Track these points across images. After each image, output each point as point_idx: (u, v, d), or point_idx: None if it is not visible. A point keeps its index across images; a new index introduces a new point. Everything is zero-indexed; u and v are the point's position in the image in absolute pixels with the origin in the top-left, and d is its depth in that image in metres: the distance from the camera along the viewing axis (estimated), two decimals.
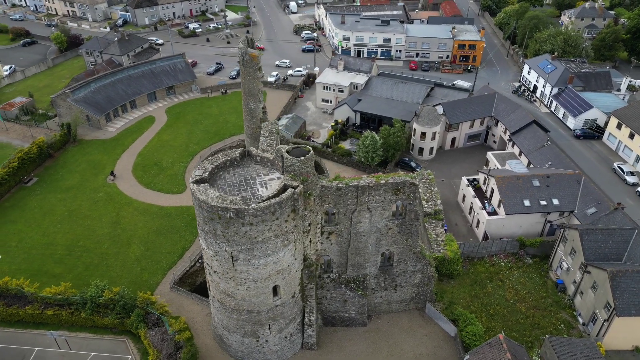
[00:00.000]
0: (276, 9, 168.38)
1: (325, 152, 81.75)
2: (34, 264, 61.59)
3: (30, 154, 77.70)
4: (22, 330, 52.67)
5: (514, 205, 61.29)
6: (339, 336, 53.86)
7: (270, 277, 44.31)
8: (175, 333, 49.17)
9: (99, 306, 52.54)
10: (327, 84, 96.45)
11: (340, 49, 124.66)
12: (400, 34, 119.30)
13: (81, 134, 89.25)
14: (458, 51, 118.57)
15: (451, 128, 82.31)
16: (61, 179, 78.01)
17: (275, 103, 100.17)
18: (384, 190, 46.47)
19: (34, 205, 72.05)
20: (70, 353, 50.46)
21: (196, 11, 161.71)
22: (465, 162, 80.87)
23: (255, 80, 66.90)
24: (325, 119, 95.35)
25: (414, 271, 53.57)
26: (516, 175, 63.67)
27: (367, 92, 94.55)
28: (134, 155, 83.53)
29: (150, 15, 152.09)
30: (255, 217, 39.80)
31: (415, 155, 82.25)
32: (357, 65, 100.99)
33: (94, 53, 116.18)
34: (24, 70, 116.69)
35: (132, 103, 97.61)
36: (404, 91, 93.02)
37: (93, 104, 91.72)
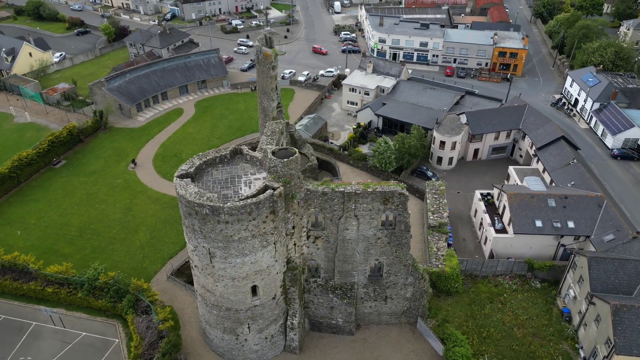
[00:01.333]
0: (320, 9, 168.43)
1: (341, 154, 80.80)
2: (47, 242, 64.92)
3: (61, 137, 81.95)
4: (25, 304, 55.62)
5: (524, 225, 57.88)
6: (324, 342, 53.05)
7: (248, 277, 44.22)
8: (159, 322, 50.16)
9: (95, 288, 54.58)
10: (354, 86, 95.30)
11: (376, 51, 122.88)
12: (438, 39, 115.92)
13: (112, 122, 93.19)
14: (498, 59, 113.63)
15: (474, 138, 78.94)
16: (87, 163, 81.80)
17: (301, 102, 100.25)
18: (371, 198, 45.14)
19: (58, 186, 75.96)
20: (64, 330, 52.74)
21: (242, 8, 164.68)
22: (487, 176, 77.32)
23: (269, 78, 67.26)
24: (349, 121, 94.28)
25: (405, 284, 51.78)
26: (531, 193, 60.09)
27: (393, 96, 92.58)
28: (157, 145, 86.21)
29: (197, 10, 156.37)
30: (231, 215, 39.79)
31: (434, 164, 79.58)
32: (387, 68, 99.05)
33: (136, 45, 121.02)
34: (72, 58, 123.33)
35: (164, 95, 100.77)
36: (432, 97, 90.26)
37: (126, 94, 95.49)
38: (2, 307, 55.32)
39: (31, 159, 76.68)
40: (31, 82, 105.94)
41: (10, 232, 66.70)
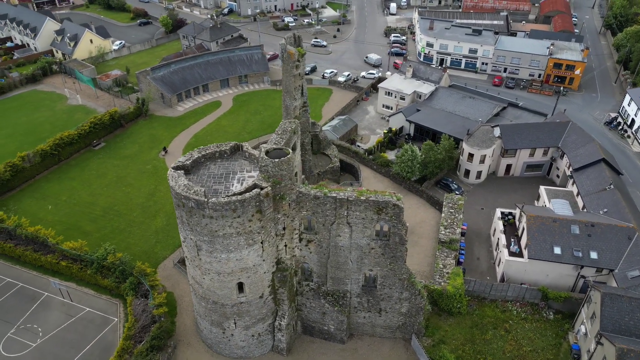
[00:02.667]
0: (376, 10, 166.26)
1: (365, 159, 79.30)
2: (72, 218, 68.86)
3: (103, 121, 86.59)
4: (41, 275, 59.32)
5: (540, 250, 53.94)
6: (314, 347, 52.37)
7: (233, 273, 44.45)
8: (154, 307, 51.67)
9: (103, 267, 57.17)
10: (390, 90, 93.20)
11: (422, 56, 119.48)
12: (488, 46, 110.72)
13: (153, 110, 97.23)
14: (553, 70, 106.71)
15: (507, 153, 74.64)
16: (123, 147, 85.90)
17: (337, 103, 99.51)
18: (364, 207, 43.81)
19: (93, 167, 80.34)
20: (70, 304, 55.70)
21: (297, 5, 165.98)
22: (517, 194, 72.88)
23: (292, 77, 67.16)
24: (381, 125, 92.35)
25: (401, 299, 49.91)
26: (553, 217, 55.87)
27: (429, 102, 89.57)
28: (190, 135, 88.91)
29: (254, 6, 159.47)
30: (215, 211, 40.11)
31: (461, 177, 76.11)
32: (427, 74, 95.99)
33: (188, 37, 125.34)
34: (130, 47, 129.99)
35: (205, 87, 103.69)
36: (470, 107, 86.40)
37: (169, 84, 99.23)
38: (22, 275, 59.31)
39: (72, 139, 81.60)
40: (88, 67, 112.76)
41: (42, 206, 71.40)
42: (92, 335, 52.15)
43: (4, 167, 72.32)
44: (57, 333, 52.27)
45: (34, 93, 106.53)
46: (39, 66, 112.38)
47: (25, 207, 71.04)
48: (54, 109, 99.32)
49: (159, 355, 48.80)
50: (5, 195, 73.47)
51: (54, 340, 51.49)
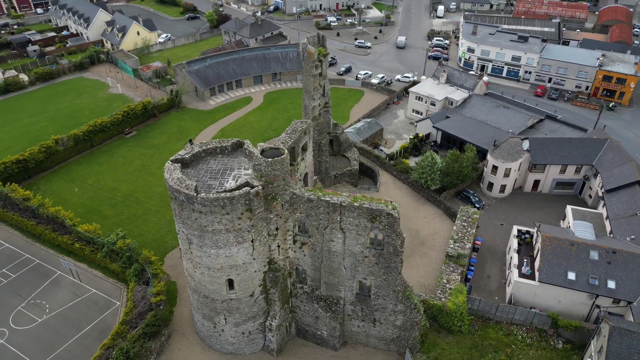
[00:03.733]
0: (423, 12, 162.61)
1: (386, 164, 77.49)
2: (95, 202, 71.70)
3: (135, 110, 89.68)
4: (57, 254, 62.13)
5: (552, 274, 50.51)
6: (306, 351, 51.73)
7: (223, 269, 44.54)
8: (152, 295, 52.78)
9: (112, 252, 59.06)
10: (420, 95, 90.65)
11: (463, 61, 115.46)
12: (533, 54, 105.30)
13: (186, 102, 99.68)
14: (602, 83, 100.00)
15: (535, 168, 70.59)
16: (152, 137, 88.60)
17: (366, 105, 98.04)
18: (358, 213, 42.61)
19: (121, 154, 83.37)
20: (78, 284, 57.98)
21: (342, 5, 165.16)
22: (542, 212, 68.81)
23: (311, 77, 66.66)
24: (409, 130, 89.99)
25: (395, 311, 48.27)
26: (572, 240, 52.14)
27: (461, 110, 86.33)
28: (216, 129, 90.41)
29: (299, 4, 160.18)
30: (204, 206, 40.28)
31: (484, 190, 72.78)
32: (461, 80, 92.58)
33: (229, 33, 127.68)
34: (175, 40, 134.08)
35: (239, 82, 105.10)
36: (503, 117, 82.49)
37: (203, 77, 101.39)
38: (40, 253, 62.39)
39: (105, 126, 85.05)
40: (132, 57, 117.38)
41: (69, 188, 74.84)
42: (94, 317, 54.01)
43: (39, 149, 76.36)
44: (63, 311, 54.54)
45: (80, 80, 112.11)
46: (88, 55, 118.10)
47: (54, 188, 74.76)
48: (95, 96, 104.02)
49: (151, 343, 49.83)
50: (38, 175, 77.65)
51: (58, 318, 53.76)
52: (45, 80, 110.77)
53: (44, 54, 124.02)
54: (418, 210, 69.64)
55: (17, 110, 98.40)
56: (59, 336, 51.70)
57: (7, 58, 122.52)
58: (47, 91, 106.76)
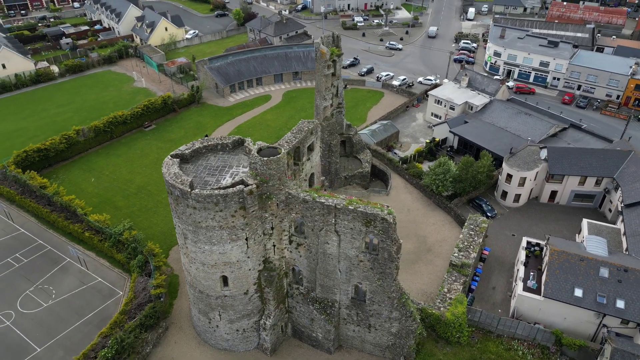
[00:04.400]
0: (453, 14, 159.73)
1: (399, 167, 76.27)
2: (109, 192, 73.40)
3: (155, 104, 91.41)
4: (68, 241, 63.86)
5: (557, 290, 48.47)
6: (300, 352, 51.42)
7: (217, 266, 44.69)
8: (153, 287, 53.56)
9: (119, 242, 60.28)
10: (440, 98, 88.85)
11: (489, 65, 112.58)
12: (562, 60, 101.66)
13: (206, 98, 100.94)
14: (634, 92, 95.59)
15: (552, 178, 68.03)
16: (170, 131, 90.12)
17: (385, 107, 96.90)
18: (352, 216, 41.94)
19: (139, 146, 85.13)
20: (85, 272, 59.42)
21: (371, 5, 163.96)
22: (558, 224, 66.25)
23: (323, 77, 66.24)
24: (426, 134, 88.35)
25: (390, 318, 47.34)
26: (582, 255, 49.91)
27: (481, 115, 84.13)
28: (233, 126, 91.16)
29: (327, 4, 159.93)
30: (198, 202, 40.50)
31: (497, 198, 70.64)
32: (483, 84, 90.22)
33: (254, 30, 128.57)
34: (201, 37, 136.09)
35: (259, 80, 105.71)
36: (524, 124, 79.91)
37: (224, 74, 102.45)
38: (52, 239, 64.31)
39: (125, 118, 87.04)
40: (159, 53, 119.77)
41: (87, 178, 76.90)
42: (97, 305, 55.21)
43: (60, 139, 78.79)
44: (68, 297, 56.01)
45: (107, 73, 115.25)
46: (116, 49, 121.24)
47: (72, 177, 76.98)
48: (120, 89, 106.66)
49: (148, 334, 50.55)
50: (58, 164, 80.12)
51: (63, 304, 55.23)
52: (74, 72, 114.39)
53: (76, 47, 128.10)
54: (427, 216, 68.23)
55: (46, 101, 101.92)
56: (62, 322, 53.11)
57: (41, 50, 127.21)
58: (76, 83, 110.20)
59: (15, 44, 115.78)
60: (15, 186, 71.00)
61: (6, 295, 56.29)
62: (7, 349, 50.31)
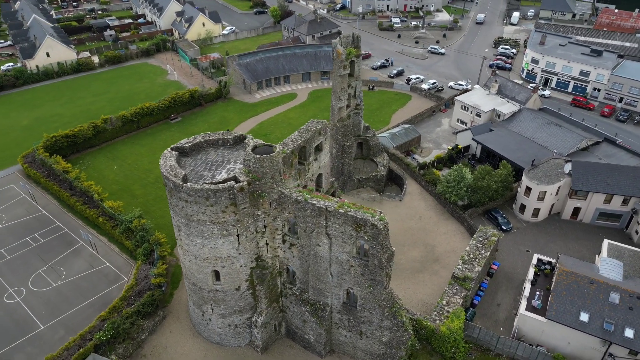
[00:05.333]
0: (496, 18, 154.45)
1: (415, 173, 74.42)
2: (129, 180, 75.70)
3: (182, 98, 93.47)
4: (84, 225, 66.31)
5: (562, 313, 45.75)
6: (291, 353, 51.14)
7: (208, 260, 45.04)
8: (154, 275, 54.71)
9: (129, 229, 61.99)
10: (466, 104, 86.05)
11: (525, 72, 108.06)
12: (604, 70, 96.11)
13: (233, 93, 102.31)
14: None
15: (575, 194, 64.40)
16: (194, 124, 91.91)
17: (411, 110, 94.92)
18: (343, 220, 41.18)
19: (162, 138, 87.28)
20: (95, 256, 61.50)
21: (410, 7, 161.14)
22: (577, 243, 62.66)
23: (339, 77, 65.57)
24: (450, 140, 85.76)
25: (381, 326, 46.21)
26: (592, 278, 46.93)
27: (508, 124, 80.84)
28: (255, 123, 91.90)
29: (365, 4, 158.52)
30: (189, 195, 40.92)
31: (515, 212, 67.58)
32: (514, 92, 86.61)
33: (288, 29, 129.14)
34: (238, 33, 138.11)
35: (287, 78, 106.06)
36: (553, 136, 76.09)
37: (252, 71, 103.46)
38: (70, 222, 66.97)
39: (152, 110, 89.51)
40: (194, 47, 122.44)
41: (110, 165, 79.62)
42: (101, 289, 57.00)
43: (88, 126, 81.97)
44: (76, 279, 58.14)
45: (144, 65, 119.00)
46: (154, 42, 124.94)
47: (96, 164, 79.94)
48: (154, 81, 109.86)
49: (145, 322, 51.67)
50: (86, 150, 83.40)
51: (70, 285, 57.39)
52: (113, 63, 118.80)
53: (118, 39, 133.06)
54: (439, 225, 66.24)
55: (83, 89, 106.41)
56: (67, 302, 55.17)
57: (85, 40, 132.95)
58: (113, 74, 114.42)
59: (61, 33, 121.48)
60: (42, 169, 74.44)
61: (20, 272, 59.08)
62: (15, 324, 52.77)
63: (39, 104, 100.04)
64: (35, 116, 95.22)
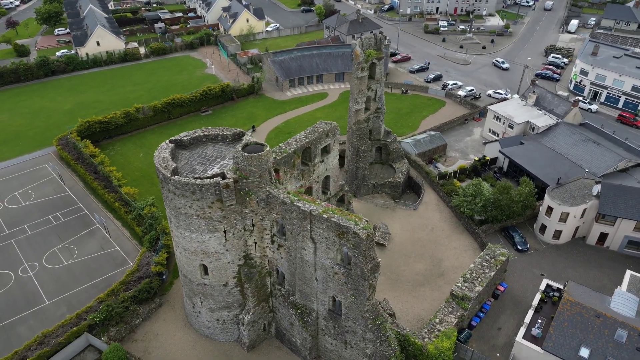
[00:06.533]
0: (553, 25, 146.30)
1: (434, 182, 71.71)
2: (151, 168, 77.99)
3: (213, 92, 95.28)
4: (102, 208, 69.05)
5: (561, 345, 42.33)
6: (277, 355, 50.76)
7: (196, 253, 45.41)
8: (154, 264, 56.02)
9: (140, 216, 63.87)
10: (499, 114, 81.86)
11: (573, 84, 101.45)
12: None
13: (265, 90, 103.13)
14: None
15: (602, 219, 59.56)
16: (223, 118, 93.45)
17: (442, 117, 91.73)
18: (327, 226, 40.15)
19: (191, 129, 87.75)
20: (108, 239, 63.83)
21: (461, 10, 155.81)
22: (600, 271, 57.92)
23: (355, 79, 64.38)
24: (479, 151, 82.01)
25: (364, 338, 44.77)
26: (597, 311, 43.11)
27: (541, 138, 76.14)
28: (281, 120, 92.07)
29: (414, 5, 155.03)
30: (177, 188, 41.36)
31: (535, 232, 63.48)
32: (552, 104, 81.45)
33: (330, 28, 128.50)
34: (281, 30, 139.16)
35: (319, 77, 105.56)
36: (589, 153, 70.87)
37: (285, 68, 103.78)
38: (91, 205, 69.97)
39: (183, 101, 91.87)
40: (235, 43, 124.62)
41: (136, 152, 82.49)
42: (108, 271, 59.07)
43: (121, 114, 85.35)
44: (86, 260, 60.61)
45: (186, 58, 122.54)
46: (199, 36, 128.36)
47: (125, 150, 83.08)
48: (192, 74, 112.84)
49: (140, 308, 52.96)
50: (118, 137, 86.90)
51: (79, 265, 59.90)
52: (158, 54, 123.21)
53: (166, 32, 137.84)
54: (451, 239, 63.43)
55: (126, 78, 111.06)
56: (74, 281, 57.62)
57: (137, 32, 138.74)
58: (156, 65, 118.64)
59: (113, 24, 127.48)
60: (73, 152, 78.30)
61: (37, 248, 62.38)
62: (23, 297, 55.76)
63: (83, 90, 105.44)
64: (78, 101, 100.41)
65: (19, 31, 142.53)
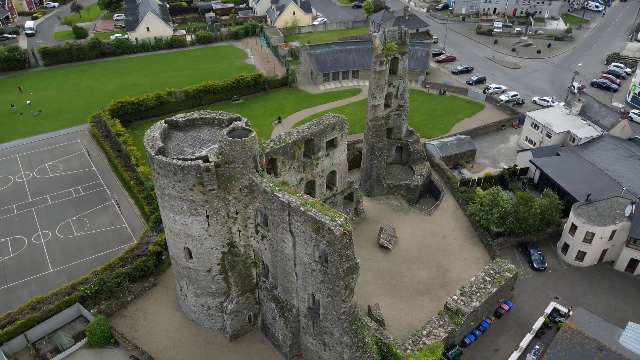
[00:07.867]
0: (621, 32, 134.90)
1: (455, 188, 67.61)
2: None
3: (246, 81, 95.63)
4: (120, 185, 70.95)
5: None
6: (260, 348, 49.66)
7: (180, 236, 45.08)
8: (153, 243, 56.59)
9: (150, 196, 64.89)
10: (537, 122, 75.94)
11: (631, 95, 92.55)
12: None
13: (299, 82, 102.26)
14: None
15: (633, 243, 53.34)
16: (253, 108, 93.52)
17: (478, 121, 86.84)
18: (304, 219, 38.33)
19: None
20: (119, 215, 65.42)
21: (521, 12, 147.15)
22: (625, 301, 51.86)
23: (373, 73, 61.87)
24: (511, 159, 76.55)
25: (341, 341, 42.55)
26: (601, 343, 38.32)
27: (581, 150, 69.80)
28: (309, 114, 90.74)
29: (470, 5, 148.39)
30: (160, 168, 41.12)
31: (557, 251, 58.03)
32: (598, 115, 74.43)
33: (375, 24, 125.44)
34: (327, 24, 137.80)
35: (355, 73, 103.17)
36: (632, 171, 64.06)
37: (321, 62, 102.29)
38: (110, 181, 72.12)
39: (215, 88, 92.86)
40: (278, 35, 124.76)
41: None
42: (112, 246, 60.47)
43: (153, 96, 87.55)
44: (94, 233, 62.42)
45: (229, 47, 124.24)
46: (244, 27, 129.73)
47: None
48: (232, 63, 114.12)
49: (133, 285, 53.65)
50: (149, 119, 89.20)
51: (88, 237, 61.76)
52: (203, 42, 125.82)
53: (216, 21, 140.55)
54: (462, 249, 59.42)
55: (170, 64, 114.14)
56: (79, 252, 59.45)
57: (188, 20, 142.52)
58: (200, 52, 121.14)
59: (164, 11, 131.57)
60: (103, 130, 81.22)
61: (53, 217, 65.01)
62: (31, 262, 58.21)
63: (128, 72, 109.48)
64: (121, 82, 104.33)
65: (82, 15, 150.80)
